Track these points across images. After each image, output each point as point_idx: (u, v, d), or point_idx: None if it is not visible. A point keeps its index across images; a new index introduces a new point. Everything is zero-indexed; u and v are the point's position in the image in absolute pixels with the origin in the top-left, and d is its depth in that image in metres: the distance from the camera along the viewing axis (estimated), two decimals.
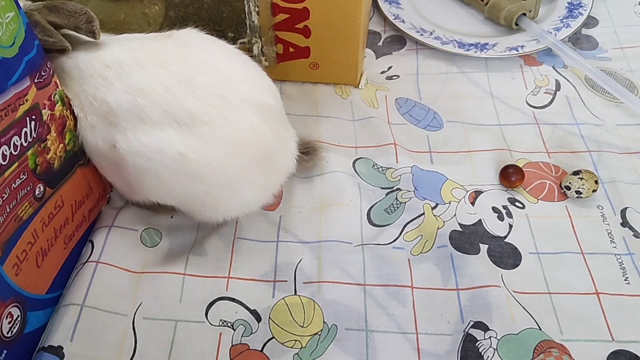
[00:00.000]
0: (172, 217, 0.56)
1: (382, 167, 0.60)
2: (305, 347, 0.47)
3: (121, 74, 0.46)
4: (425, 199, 0.57)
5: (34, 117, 0.43)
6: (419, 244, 0.54)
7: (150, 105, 0.45)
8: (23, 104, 0.42)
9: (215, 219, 0.53)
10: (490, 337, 0.47)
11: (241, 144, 0.48)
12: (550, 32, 0.70)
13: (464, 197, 0.57)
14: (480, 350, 0.46)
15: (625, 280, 0.50)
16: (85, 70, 0.47)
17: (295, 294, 0.51)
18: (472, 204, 0.57)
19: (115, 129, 0.47)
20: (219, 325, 0.49)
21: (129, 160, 0.47)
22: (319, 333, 0.48)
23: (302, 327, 0.49)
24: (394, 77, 0.71)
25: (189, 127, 0.46)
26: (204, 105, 0.46)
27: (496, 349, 0.46)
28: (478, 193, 0.57)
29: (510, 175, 0.57)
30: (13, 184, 0.42)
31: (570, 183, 0.55)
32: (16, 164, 0.42)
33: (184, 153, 0.46)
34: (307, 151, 0.58)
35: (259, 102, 0.49)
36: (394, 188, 0.58)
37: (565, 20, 0.73)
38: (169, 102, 0.45)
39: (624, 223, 0.54)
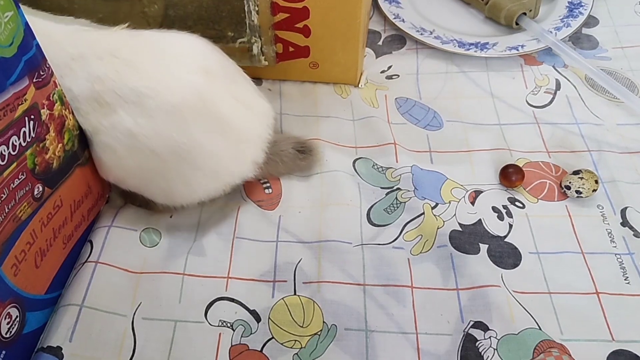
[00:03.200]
0: (171, 217, 0.56)
1: (382, 166, 0.60)
2: (304, 347, 0.47)
3: (84, 65, 0.49)
4: (425, 198, 0.57)
5: (32, 116, 0.43)
6: (418, 243, 0.54)
7: (105, 90, 0.48)
8: (22, 103, 0.42)
9: (188, 197, 0.53)
10: (490, 337, 0.47)
11: (187, 112, 0.49)
12: (551, 32, 0.70)
13: (464, 196, 0.57)
14: (480, 350, 0.46)
15: (625, 280, 0.50)
16: (51, 59, 0.48)
17: (295, 294, 0.51)
18: (472, 203, 0.56)
19: (77, 113, 0.50)
20: (218, 326, 0.49)
21: (93, 141, 0.50)
22: (319, 333, 0.48)
23: (302, 327, 0.48)
24: (393, 77, 0.70)
25: (136, 104, 0.48)
26: (147, 81, 0.48)
27: (496, 349, 0.46)
28: (478, 193, 0.57)
29: (510, 175, 0.57)
30: (12, 184, 0.42)
31: (570, 183, 0.55)
32: (15, 164, 0.42)
33: (132, 129, 0.48)
34: (303, 150, 0.58)
35: (205, 70, 0.50)
36: (394, 188, 0.58)
37: (565, 19, 0.72)
38: (119, 84, 0.48)
39: (624, 223, 0.54)
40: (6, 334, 0.43)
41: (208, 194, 0.53)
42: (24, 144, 0.43)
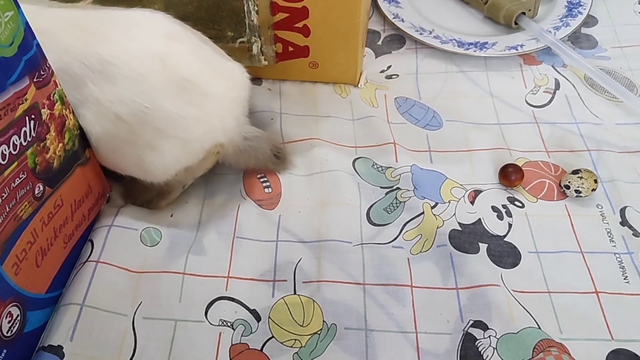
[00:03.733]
0: (172, 216, 0.56)
1: (381, 166, 0.60)
2: (304, 346, 0.47)
3: (52, 39, 0.49)
4: (424, 198, 0.57)
5: (33, 116, 0.43)
6: (418, 243, 0.54)
7: (73, 62, 0.49)
8: (22, 103, 0.42)
9: (160, 168, 0.52)
10: (489, 336, 0.47)
11: (150, 76, 0.49)
12: (550, 31, 0.70)
13: (464, 196, 0.57)
14: (479, 349, 0.46)
15: (624, 279, 0.50)
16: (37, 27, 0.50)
17: (295, 293, 0.51)
18: (472, 203, 0.57)
19: (71, 90, 0.50)
20: (218, 325, 0.49)
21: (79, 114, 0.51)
22: (319, 332, 0.48)
23: (302, 326, 0.49)
24: (393, 76, 0.71)
25: (100, 73, 0.49)
26: (110, 48, 0.49)
27: (496, 348, 0.46)
28: (477, 192, 0.57)
29: (509, 175, 0.57)
30: (12, 184, 0.42)
31: (569, 182, 0.56)
32: (15, 164, 0.42)
33: (99, 97, 0.49)
34: (279, 156, 0.59)
35: (168, 35, 0.51)
36: (394, 187, 0.58)
37: (564, 19, 0.73)
38: (85, 54, 0.49)
39: (624, 222, 0.54)
40: (7, 332, 0.43)
41: (179, 162, 0.53)
42: (24, 144, 0.43)
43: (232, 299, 0.50)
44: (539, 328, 0.47)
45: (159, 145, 0.51)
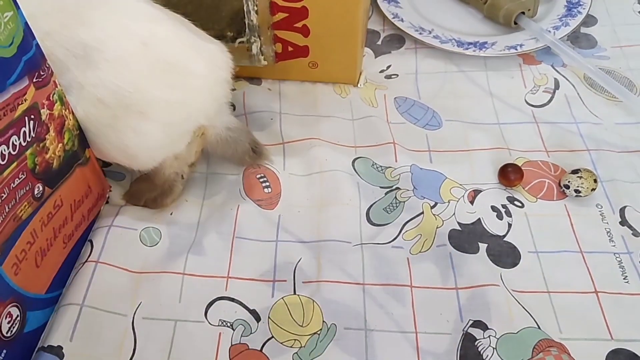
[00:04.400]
0: (171, 214, 0.56)
1: (381, 166, 0.60)
2: (304, 346, 0.47)
3: (33, 23, 0.48)
4: (424, 198, 0.57)
5: (32, 116, 0.43)
6: (418, 243, 0.54)
7: (55, 46, 0.48)
8: (22, 103, 0.42)
9: (146, 155, 0.53)
10: (489, 336, 0.47)
11: (132, 60, 0.49)
12: (549, 31, 0.70)
13: (463, 196, 0.57)
14: (479, 349, 0.46)
15: (624, 279, 0.50)
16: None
17: (295, 293, 0.51)
18: (471, 203, 0.57)
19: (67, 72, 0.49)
20: (218, 325, 0.49)
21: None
22: (318, 332, 0.48)
23: (302, 326, 0.49)
24: (393, 76, 0.71)
25: (83, 57, 0.48)
26: (93, 32, 0.48)
27: (495, 348, 0.46)
28: (477, 192, 0.57)
29: (509, 174, 0.57)
30: (12, 184, 0.42)
31: (569, 182, 0.56)
32: (15, 164, 0.42)
33: (82, 82, 0.48)
34: (256, 151, 0.59)
35: (148, 18, 0.51)
36: (393, 187, 0.58)
37: (564, 18, 0.73)
38: (67, 38, 0.48)
39: (623, 222, 0.54)
40: (7, 333, 0.43)
41: (164, 146, 0.53)
42: (24, 144, 0.43)
43: (232, 299, 0.50)
44: (539, 328, 0.47)
45: (142, 129, 0.51)
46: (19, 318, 0.44)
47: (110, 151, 0.53)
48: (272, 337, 0.48)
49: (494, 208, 0.56)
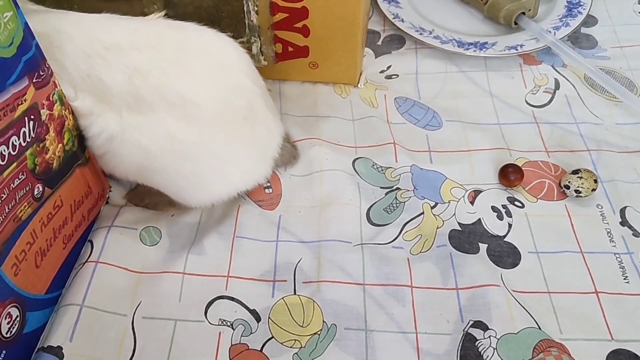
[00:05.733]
0: (172, 215, 0.56)
1: (381, 166, 0.60)
2: (304, 346, 0.47)
3: (120, 56, 0.47)
4: (424, 198, 0.57)
5: (32, 117, 0.43)
6: (418, 243, 0.54)
7: (146, 87, 0.47)
8: (21, 103, 0.42)
9: (200, 201, 0.54)
10: (489, 337, 0.47)
11: (230, 127, 0.50)
12: (550, 31, 0.70)
13: (463, 196, 0.57)
14: (479, 350, 0.46)
15: (624, 279, 0.50)
16: (81, 48, 0.48)
17: (295, 293, 0.51)
18: (472, 203, 0.57)
19: (105, 106, 0.48)
20: (218, 325, 0.49)
21: (118, 136, 0.49)
22: (319, 333, 0.48)
23: (302, 326, 0.49)
24: (393, 77, 0.71)
25: (179, 107, 0.47)
26: (194, 87, 0.48)
27: (496, 348, 0.46)
28: (477, 192, 0.57)
29: (509, 175, 0.57)
30: (12, 184, 0.42)
31: (569, 182, 0.55)
32: (15, 164, 0.42)
33: (174, 133, 0.48)
34: (295, 147, 0.60)
35: (248, 87, 0.51)
36: (394, 187, 0.58)
37: (564, 19, 0.73)
38: (162, 83, 0.47)
39: (623, 222, 0.54)
40: (6, 333, 0.43)
41: (218, 196, 0.54)
42: (24, 144, 0.43)
43: (232, 299, 0.50)
44: (539, 328, 0.47)
45: (207, 182, 0.53)
46: (18, 318, 0.44)
47: (161, 186, 0.53)
48: (272, 337, 0.48)
49: (494, 208, 0.56)
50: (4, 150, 0.40)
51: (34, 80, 0.43)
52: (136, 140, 0.48)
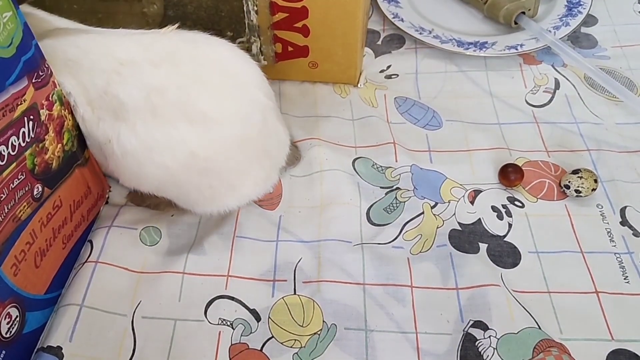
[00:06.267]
0: (172, 216, 0.56)
1: (381, 166, 0.60)
2: (304, 346, 0.47)
3: (136, 72, 0.47)
4: (424, 198, 0.57)
5: (32, 117, 0.43)
6: (418, 243, 0.54)
7: (164, 104, 0.46)
8: (21, 104, 0.42)
9: (210, 211, 0.54)
10: (489, 337, 0.47)
11: (248, 143, 0.50)
12: (550, 31, 0.70)
13: (464, 196, 0.57)
14: (479, 350, 0.46)
15: (624, 279, 0.50)
16: (97, 64, 0.48)
17: (295, 293, 0.51)
18: (472, 203, 0.56)
19: (122, 123, 0.48)
20: (218, 324, 0.49)
21: (136, 153, 0.48)
22: (319, 332, 0.48)
23: (302, 326, 0.48)
24: (393, 76, 0.70)
25: (200, 125, 0.47)
26: (216, 106, 0.48)
27: (496, 348, 0.46)
28: (477, 192, 0.57)
29: (509, 174, 0.57)
30: (11, 184, 0.42)
31: (569, 182, 0.55)
32: (14, 164, 0.42)
33: (195, 151, 0.48)
34: (297, 147, 0.61)
35: (263, 102, 0.51)
36: (393, 187, 0.58)
37: (564, 18, 0.72)
38: (183, 101, 0.47)
39: (624, 222, 0.54)
40: (6, 333, 0.43)
41: (225, 207, 0.54)
42: (23, 144, 0.43)
43: (232, 298, 0.50)
44: (539, 328, 0.47)
45: (222, 195, 0.53)
46: (18, 319, 0.44)
47: (172, 196, 0.53)
48: (272, 337, 0.48)
49: (494, 208, 0.56)
50: (4, 151, 0.40)
51: (34, 81, 0.43)
52: (154, 157, 0.48)
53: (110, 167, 0.52)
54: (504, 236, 0.54)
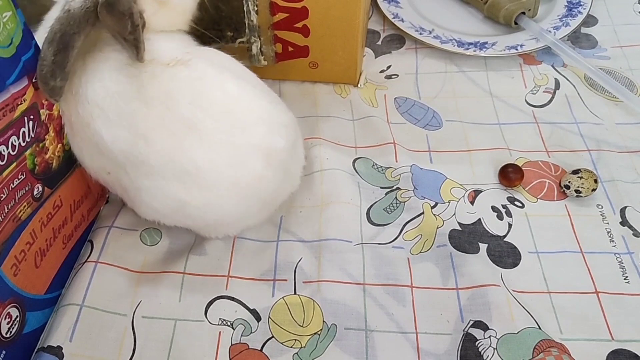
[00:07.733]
0: None
1: (381, 166, 0.60)
2: (304, 346, 0.47)
3: (122, 109, 0.42)
4: (424, 198, 0.57)
5: (32, 117, 0.43)
6: (418, 243, 0.54)
7: (153, 152, 0.43)
8: (21, 103, 0.42)
9: (212, 237, 0.54)
10: (489, 337, 0.47)
11: (244, 191, 0.47)
12: (550, 31, 0.70)
13: (464, 196, 0.57)
14: (479, 350, 0.46)
15: (624, 279, 0.50)
16: (82, 92, 0.43)
17: (295, 293, 0.51)
18: (472, 203, 0.56)
19: (109, 161, 0.46)
20: (218, 324, 0.49)
21: (129, 190, 0.48)
22: (319, 332, 0.48)
23: (302, 326, 0.48)
24: (393, 76, 0.70)
25: (192, 175, 0.44)
26: (210, 154, 0.44)
27: (496, 348, 0.46)
28: (477, 192, 0.57)
29: (509, 175, 0.57)
30: (11, 184, 0.42)
31: (569, 182, 0.55)
32: (14, 164, 0.42)
33: (185, 200, 0.46)
34: None
35: (269, 146, 0.46)
36: (394, 187, 0.58)
37: (564, 18, 0.73)
38: (174, 150, 0.43)
39: (624, 222, 0.54)
40: (6, 333, 0.43)
41: (234, 234, 0.54)
42: (23, 144, 0.43)
43: (232, 298, 0.50)
44: (539, 328, 0.47)
45: (221, 231, 0.53)
46: (18, 319, 0.44)
47: (170, 222, 0.52)
48: (273, 336, 0.48)
49: (494, 208, 0.56)
50: (4, 150, 0.40)
51: (34, 80, 0.43)
52: (143, 198, 0.47)
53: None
54: (504, 236, 0.54)
